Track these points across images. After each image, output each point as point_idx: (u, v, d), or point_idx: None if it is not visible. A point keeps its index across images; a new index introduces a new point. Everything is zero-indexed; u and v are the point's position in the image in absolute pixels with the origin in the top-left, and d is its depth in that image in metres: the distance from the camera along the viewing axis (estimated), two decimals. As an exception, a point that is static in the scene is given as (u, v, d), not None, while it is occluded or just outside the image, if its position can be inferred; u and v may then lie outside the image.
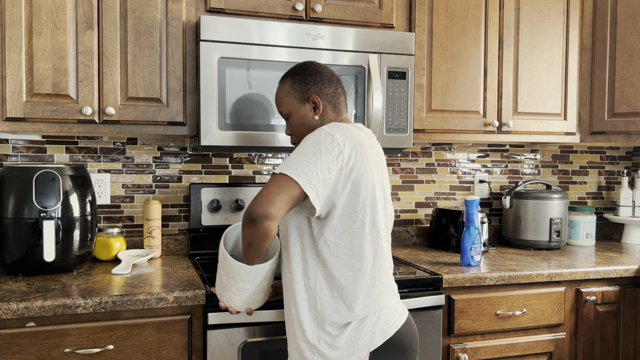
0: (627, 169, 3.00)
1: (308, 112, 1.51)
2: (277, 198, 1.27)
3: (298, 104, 1.52)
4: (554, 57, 2.40)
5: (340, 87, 1.54)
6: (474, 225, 2.08)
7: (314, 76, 1.51)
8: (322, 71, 1.52)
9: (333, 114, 1.52)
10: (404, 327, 1.41)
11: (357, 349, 1.33)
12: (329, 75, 1.52)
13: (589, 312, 2.10)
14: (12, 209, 1.77)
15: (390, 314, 1.39)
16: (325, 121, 1.51)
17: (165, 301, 1.61)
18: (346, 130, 1.40)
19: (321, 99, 1.50)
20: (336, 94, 1.52)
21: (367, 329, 1.35)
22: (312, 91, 1.50)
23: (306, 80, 1.51)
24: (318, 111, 1.50)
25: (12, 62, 1.77)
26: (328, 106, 1.51)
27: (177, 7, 1.92)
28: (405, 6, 2.21)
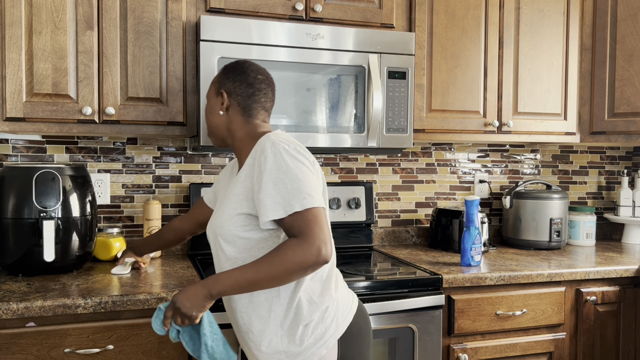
0: (627, 169, 3.00)
1: (216, 105, 1.51)
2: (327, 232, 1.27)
3: (213, 94, 1.53)
4: (554, 57, 2.40)
5: (262, 94, 1.49)
6: (474, 225, 2.08)
7: (236, 74, 1.49)
8: (247, 72, 1.49)
9: (242, 116, 1.48)
10: (359, 311, 1.47)
11: (326, 339, 1.36)
12: (253, 80, 1.49)
13: (589, 312, 2.10)
14: (12, 209, 1.77)
15: (346, 301, 1.44)
16: (231, 120, 1.49)
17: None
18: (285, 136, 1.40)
19: (230, 96, 1.48)
20: (252, 99, 1.48)
21: (330, 318, 1.38)
22: (225, 86, 1.50)
23: (227, 75, 1.51)
24: (222, 107, 1.49)
25: (12, 62, 1.77)
26: (236, 106, 1.48)
27: (177, 7, 1.92)
28: (405, 6, 2.21)
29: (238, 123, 1.49)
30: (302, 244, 1.24)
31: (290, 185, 1.28)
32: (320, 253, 1.24)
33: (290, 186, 1.28)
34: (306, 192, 1.27)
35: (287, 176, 1.28)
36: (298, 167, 1.30)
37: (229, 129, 1.50)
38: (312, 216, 1.26)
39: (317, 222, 1.26)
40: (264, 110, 1.51)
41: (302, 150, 1.36)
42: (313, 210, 1.26)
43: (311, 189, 1.28)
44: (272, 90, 1.53)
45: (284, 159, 1.30)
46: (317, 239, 1.24)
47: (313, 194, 1.28)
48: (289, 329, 1.35)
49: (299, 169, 1.30)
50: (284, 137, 1.37)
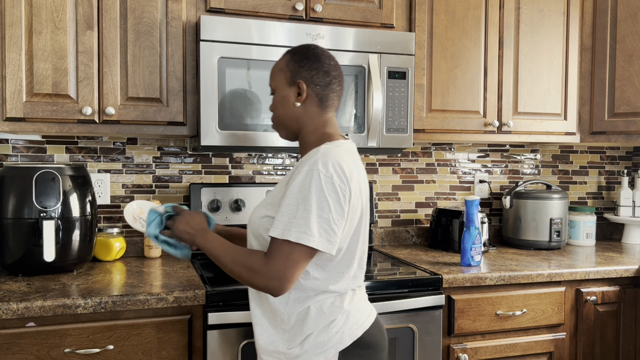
0: (627, 169, 3.00)
1: (291, 95, 1.42)
2: (296, 274, 1.27)
3: (285, 84, 1.43)
4: (554, 57, 2.40)
5: (336, 83, 1.43)
6: (474, 225, 2.08)
7: (311, 62, 1.41)
8: (322, 59, 1.42)
9: (317, 108, 1.42)
10: (373, 327, 1.41)
11: (326, 349, 1.34)
12: (328, 67, 1.42)
13: (589, 312, 2.10)
14: (12, 209, 1.76)
15: (359, 315, 1.40)
16: (307, 112, 1.42)
17: (165, 301, 1.61)
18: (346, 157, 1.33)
19: (308, 87, 1.40)
20: (329, 88, 1.41)
21: (335, 329, 1.35)
22: (301, 76, 1.41)
23: (301, 63, 1.41)
24: (300, 98, 1.41)
25: (12, 62, 1.77)
26: (314, 97, 1.41)
27: (177, 7, 1.92)
28: (405, 6, 2.21)
29: (311, 115, 1.42)
30: (263, 266, 1.27)
31: (300, 212, 1.25)
32: (270, 284, 1.26)
33: (300, 214, 1.25)
34: (309, 227, 1.24)
35: (303, 203, 1.25)
36: (319, 198, 1.25)
37: (299, 120, 1.43)
38: (290, 250, 1.25)
39: (292, 258, 1.25)
40: (338, 99, 1.45)
41: (339, 180, 1.27)
42: (299, 247, 1.25)
43: (317, 226, 1.24)
44: (343, 77, 1.47)
45: (310, 185, 1.26)
46: (277, 272, 1.25)
47: (315, 232, 1.24)
48: (293, 333, 1.35)
49: (319, 201, 1.25)
50: (332, 159, 1.28)
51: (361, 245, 1.41)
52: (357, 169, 1.36)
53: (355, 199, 1.32)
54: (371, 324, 1.41)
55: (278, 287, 1.26)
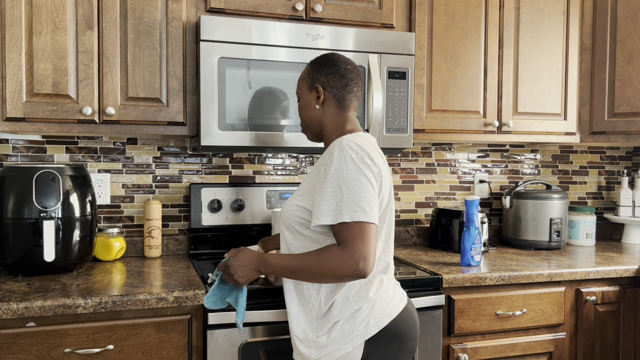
0: (627, 169, 3.00)
1: (312, 100, 1.55)
2: (373, 249, 1.30)
3: (307, 90, 1.57)
4: (554, 57, 2.40)
5: (354, 84, 1.54)
6: (474, 225, 2.08)
7: (328, 67, 1.53)
8: (338, 64, 1.53)
9: (336, 108, 1.53)
10: (401, 316, 1.43)
11: (352, 338, 1.37)
12: (344, 71, 1.53)
13: (589, 312, 2.10)
14: (12, 209, 1.77)
15: (385, 304, 1.42)
16: (327, 113, 1.54)
17: (165, 301, 1.61)
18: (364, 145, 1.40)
19: (325, 89, 1.52)
20: (345, 89, 1.52)
21: (361, 319, 1.38)
22: (319, 81, 1.53)
23: (319, 70, 1.54)
24: (319, 100, 1.53)
25: (12, 62, 1.77)
26: (331, 99, 1.52)
27: (177, 7, 1.92)
28: (405, 6, 2.21)
29: (331, 115, 1.53)
30: (341, 254, 1.30)
31: (346, 194, 1.31)
32: (358, 267, 1.28)
33: (346, 195, 1.31)
34: (358, 205, 1.30)
35: (346, 184, 1.32)
36: (358, 177, 1.32)
37: (321, 122, 1.55)
38: (358, 229, 1.29)
39: (362, 236, 1.29)
40: (356, 99, 1.55)
41: (369, 160, 1.36)
42: (360, 224, 1.30)
43: (365, 202, 1.31)
44: (361, 79, 1.57)
45: (347, 167, 1.33)
46: (357, 253, 1.28)
47: (366, 207, 1.30)
48: (321, 322, 1.40)
49: (359, 179, 1.32)
50: (357, 143, 1.38)
51: (387, 228, 1.47)
52: (381, 156, 1.46)
53: (384, 180, 1.41)
54: (399, 313, 1.43)
55: (364, 267, 1.29)
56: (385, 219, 1.46)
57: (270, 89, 1.95)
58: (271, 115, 1.95)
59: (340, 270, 1.29)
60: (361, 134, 1.48)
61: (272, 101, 1.95)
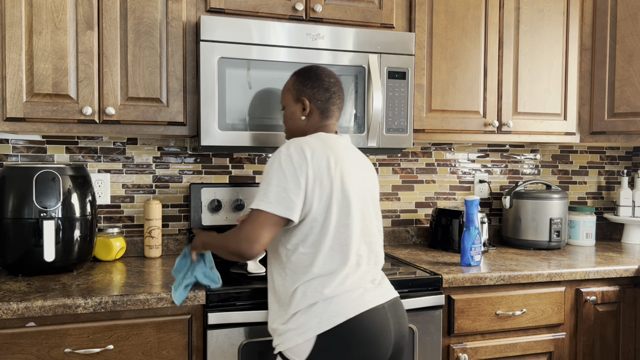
0: (627, 169, 3.00)
1: (297, 111, 1.65)
2: (262, 235, 1.42)
3: (292, 101, 1.66)
4: (554, 57, 2.40)
5: (336, 97, 1.64)
6: (474, 225, 2.08)
7: (313, 81, 1.63)
8: (322, 78, 1.63)
9: (319, 118, 1.63)
10: (361, 319, 1.41)
11: (304, 330, 1.41)
12: (328, 84, 1.63)
13: (589, 312, 2.10)
14: (12, 209, 1.77)
15: (343, 303, 1.42)
16: (310, 122, 1.64)
17: (165, 301, 1.61)
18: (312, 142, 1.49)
19: (311, 102, 1.63)
20: (329, 102, 1.63)
21: (315, 313, 1.41)
22: (305, 94, 1.63)
23: (304, 83, 1.64)
24: (305, 112, 1.63)
25: (12, 62, 1.77)
26: (316, 111, 1.63)
27: (177, 7, 1.92)
28: (405, 6, 2.21)
29: (314, 124, 1.64)
30: (234, 232, 1.46)
31: (262, 185, 1.46)
32: (241, 245, 1.42)
33: (262, 187, 1.46)
34: (265, 196, 1.43)
35: (265, 178, 1.46)
36: (277, 171, 1.44)
37: (305, 131, 1.65)
38: (254, 215, 1.43)
39: (254, 221, 1.42)
40: (337, 110, 1.66)
41: (298, 157, 1.44)
42: (258, 212, 1.43)
43: (273, 194, 1.42)
44: (342, 91, 1.68)
45: (273, 162, 1.47)
46: (242, 233, 1.42)
47: (272, 199, 1.42)
48: (284, 311, 1.47)
49: (277, 173, 1.44)
50: (299, 143, 1.48)
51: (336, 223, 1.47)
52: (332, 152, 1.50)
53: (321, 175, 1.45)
54: (357, 315, 1.41)
55: (247, 247, 1.42)
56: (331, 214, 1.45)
57: (270, 89, 1.95)
58: (271, 115, 1.95)
59: (228, 245, 1.45)
60: (320, 135, 1.56)
61: (272, 101, 1.96)
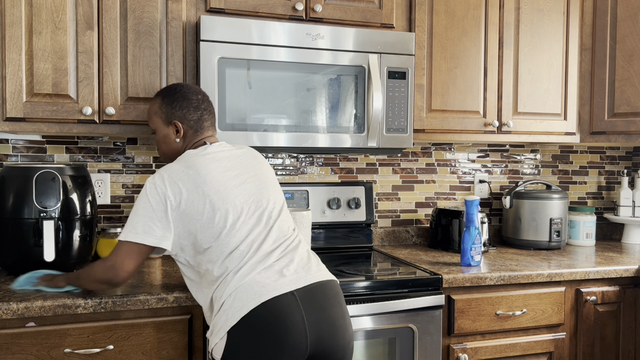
0: (627, 169, 3.00)
1: (171, 134, 1.66)
2: (130, 263, 1.47)
3: (162, 125, 1.67)
4: (554, 57, 2.40)
5: (207, 113, 1.66)
6: (474, 225, 2.08)
7: (180, 102, 1.64)
8: (190, 97, 1.65)
9: (192, 137, 1.65)
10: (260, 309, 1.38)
11: (218, 329, 1.41)
12: (197, 102, 1.65)
13: (589, 312, 2.10)
14: (12, 209, 1.76)
15: (245, 296, 1.40)
16: (185, 142, 1.65)
17: (165, 301, 1.61)
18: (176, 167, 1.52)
19: (183, 124, 1.64)
20: (201, 119, 1.65)
21: (222, 311, 1.42)
22: (176, 116, 1.64)
23: (172, 105, 1.64)
24: (179, 134, 1.64)
25: (12, 62, 1.77)
26: (189, 130, 1.64)
27: (177, 7, 1.92)
28: (405, 6, 2.21)
29: (189, 142, 1.65)
30: (101, 262, 1.51)
31: (130, 216, 1.50)
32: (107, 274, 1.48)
33: (130, 217, 1.49)
34: (132, 227, 1.47)
35: (134, 207, 1.50)
36: (142, 201, 1.48)
37: (180, 151, 1.66)
38: (120, 245, 1.48)
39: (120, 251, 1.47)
40: (211, 125, 1.68)
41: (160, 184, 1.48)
42: (124, 243, 1.47)
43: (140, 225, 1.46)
44: (211, 105, 1.70)
45: (141, 192, 1.50)
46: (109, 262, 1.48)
47: (139, 230, 1.46)
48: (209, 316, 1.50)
49: (141, 203, 1.48)
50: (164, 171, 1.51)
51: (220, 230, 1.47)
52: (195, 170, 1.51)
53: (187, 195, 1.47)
54: (258, 305, 1.38)
55: (113, 275, 1.47)
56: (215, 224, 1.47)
57: (270, 89, 1.95)
58: (271, 116, 1.95)
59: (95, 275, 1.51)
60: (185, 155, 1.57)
61: (272, 101, 1.95)
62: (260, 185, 1.58)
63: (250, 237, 1.48)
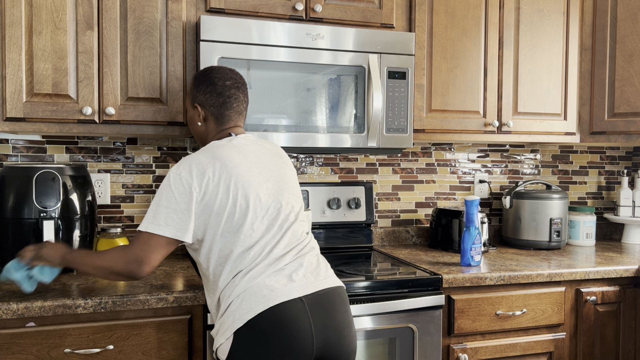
0: (627, 169, 3.00)
1: (195, 116, 1.64)
2: (151, 257, 1.43)
3: (190, 105, 1.66)
4: (554, 57, 2.40)
5: (233, 100, 1.60)
6: (474, 225, 2.08)
7: (205, 85, 1.60)
8: (215, 82, 1.59)
9: (214, 124, 1.61)
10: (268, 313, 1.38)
11: (224, 330, 1.41)
12: (222, 88, 1.59)
13: (589, 312, 2.10)
14: (12, 209, 1.77)
15: (253, 299, 1.39)
16: (208, 129, 1.62)
17: (165, 301, 1.61)
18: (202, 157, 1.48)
19: (204, 108, 1.61)
20: (224, 107, 1.59)
21: (229, 312, 1.42)
22: (198, 99, 1.62)
23: (198, 87, 1.62)
24: (199, 118, 1.62)
25: (12, 62, 1.77)
26: (210, 117, 1.61)
27: (177, 7, 1.92)
28: (405, 6, 2.21)
29: (212, 131, 1.62)
30: (121, 253, 1.46)
31: (151, 206, 1.46)
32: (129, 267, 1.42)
33: (151, 207, 1.46)
34: (154, 218, 1.43)
35: (155, 198, 1.46)
36: (165, 192, 1.44)
37: (205, 136, 1.64)
38: (145, 237, 1.43)
39: (144, 244, 1.43)
40: (237, 114, 1.62)
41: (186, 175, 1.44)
42: (147, 234, 1.43)
43: (165, 216, 1.42)
44: (243, 92, 1.63)
45: (163, 182, 1.47)
46: (131, 255, 1.43)
47: (161, 222, 1.42)
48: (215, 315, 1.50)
49: (165, 194, 1.44)
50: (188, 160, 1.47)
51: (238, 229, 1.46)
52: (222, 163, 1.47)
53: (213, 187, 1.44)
54: (266, 309, 1.38)
55: (137, 268, 1.42)
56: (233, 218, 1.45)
57: (270, 89, 1.95)
58: (271, 116, 1.95)
59: (113, 267, 1.44)
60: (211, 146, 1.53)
61: (272, 101, 1.95)
62: (281, 186, 1.56)
63: (265, 239, 1.48)
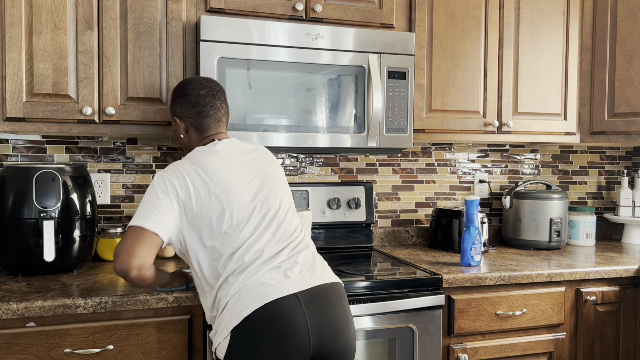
0: (627, 169, 3.00)
1: (177, 129, 1.68)
2: (136, 250, 1.41)
3: (172, 119, 1.70)
4: (554, 57, 2.40)
5: (209, 108, 1.63)
6: (474, 225, 2.08)
7: (180, 97, 1.64)
8: (190, 93, 1.63)
9: (196, 134, 1.65)
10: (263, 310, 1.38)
11: (222, 329, 1.42)
12: (196, 98, 1.62)
13: (589, 312, 2.10)
14: (12, 209, 1.77)
15: (249, 297, 1.40)
16: (190, 139, 1.66)
17: (166, 301, 1.61)
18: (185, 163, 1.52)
19: (183, 120, 1.65)
20: (200, 116, 1.62)
21: (226, 311, 1.42)
22: (177, 112, 1.66)
23: (175, 100, 1.66)
24: (181, 131, 1.66)
25: (12, 62, 1.77)
26: (190, 127, 1.65)
27: (177, 7, 1.92)
28: (405, 6, 2.21)
29: (193, 141, 1.66)
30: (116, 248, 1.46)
31: (140, 206, 1.48)
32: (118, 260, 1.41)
33: (140, 206, 1.48)
34: (142, 214, 1.45)
35: (143, 197, 1.49)
36: (152, 191, 1.48)
37: (188, 146, 1.68)
38: (133, 232, 1.43)
39: (133, 238, 1.42)
40: (215, 121, 1.65)
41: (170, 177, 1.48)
42: (136, 229, 1.44)
43: (149, 213, 1.44)
44: (219, 99, 1.66)
45: (151, 183, 1.51)
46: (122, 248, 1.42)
47: (149, 218, 1.44)
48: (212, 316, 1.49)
49: (151, 193, 1.47)
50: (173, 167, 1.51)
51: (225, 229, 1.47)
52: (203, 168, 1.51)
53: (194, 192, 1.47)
54: (261, 306, 1.38)
55: (125, 261, 1.41)
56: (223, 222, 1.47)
57: (270, 89, 1.95)
58: (271, 116, 1.95)
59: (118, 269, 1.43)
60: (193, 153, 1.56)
61: (272, 101, 1.95)
62: (268, 185, 1.57)
63: (254, 238, 1.48)
